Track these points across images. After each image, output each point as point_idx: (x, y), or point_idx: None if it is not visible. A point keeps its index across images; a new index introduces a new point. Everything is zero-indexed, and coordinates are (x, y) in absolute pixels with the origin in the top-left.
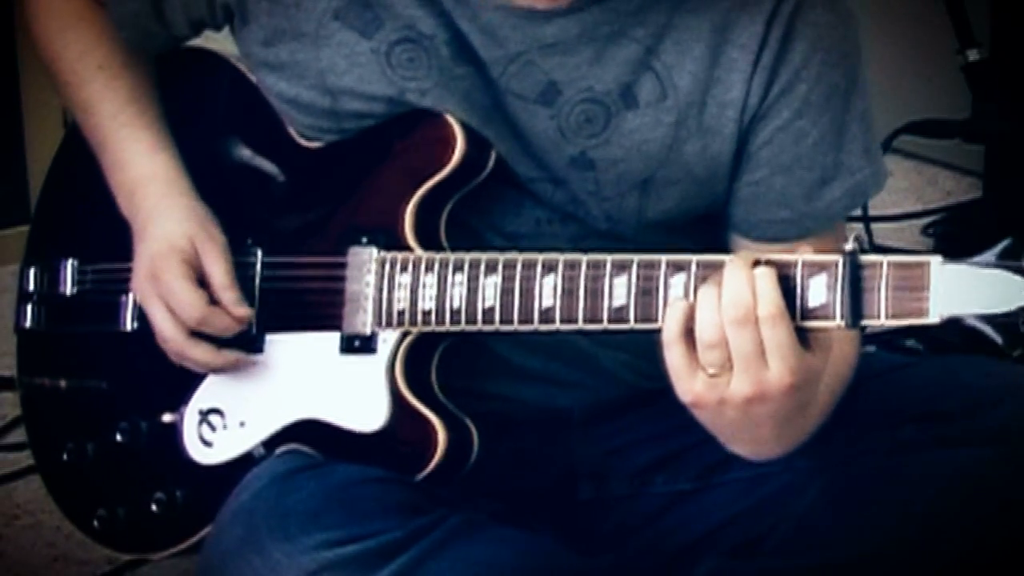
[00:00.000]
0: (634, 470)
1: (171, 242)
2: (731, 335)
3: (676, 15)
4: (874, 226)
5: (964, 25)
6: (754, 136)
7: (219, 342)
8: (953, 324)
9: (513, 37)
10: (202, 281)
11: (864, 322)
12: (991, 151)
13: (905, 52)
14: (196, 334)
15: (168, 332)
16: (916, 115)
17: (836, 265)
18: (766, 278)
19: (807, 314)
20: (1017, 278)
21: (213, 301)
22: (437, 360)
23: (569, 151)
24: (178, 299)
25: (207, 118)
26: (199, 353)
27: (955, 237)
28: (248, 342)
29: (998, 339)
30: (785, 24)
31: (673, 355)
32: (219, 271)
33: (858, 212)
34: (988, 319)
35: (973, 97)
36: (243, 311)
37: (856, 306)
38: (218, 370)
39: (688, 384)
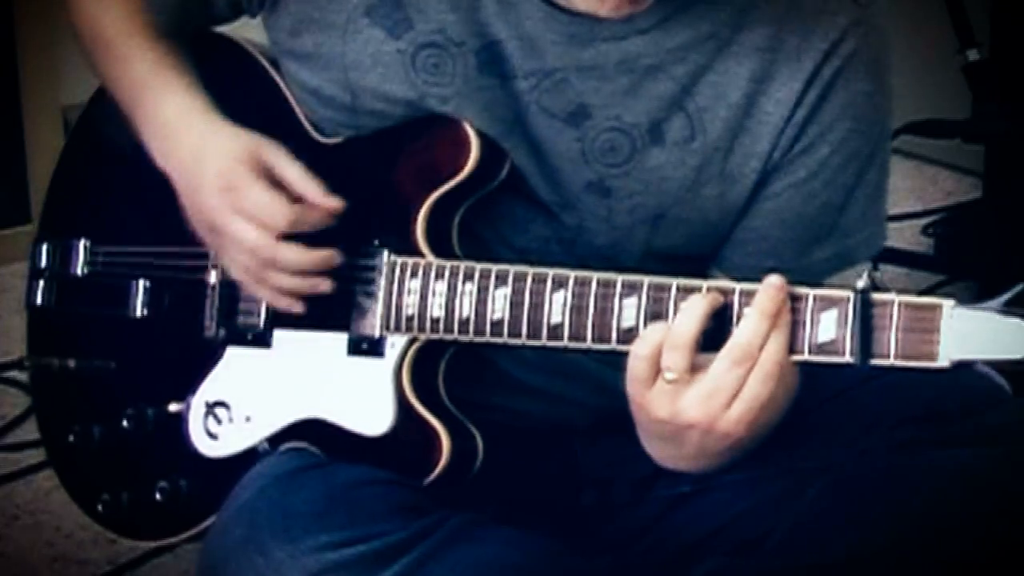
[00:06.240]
0: (637, 478)
1: (235, 154)
2: (721, 367)
3: (718, 58)
4: None
5: (964, 25)
6: (764, 186)
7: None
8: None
9: (553, 52)
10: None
11: (873, 361)
12: (991, 151)
13: (905, 52)
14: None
15: (256, 240)
16: (916, 115)
17: (847, 301)
18: (782, 332)
19: (816, 348)
20: None
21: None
22: (444, 368)
23: (587, 175)
24: (265, 205)
25: (224, 106)
26: (293, 253)
27: (955, 237)
28: (256, 337)
29: (1006, 385)
30: (824, 85)
31: (638, 364)
32: (293, 170)
33: None
34: (997, 365)
35: (973, 97)
36: (333, 201)
37: (866, 344)
38: (314, 270)
39: (642, 388)
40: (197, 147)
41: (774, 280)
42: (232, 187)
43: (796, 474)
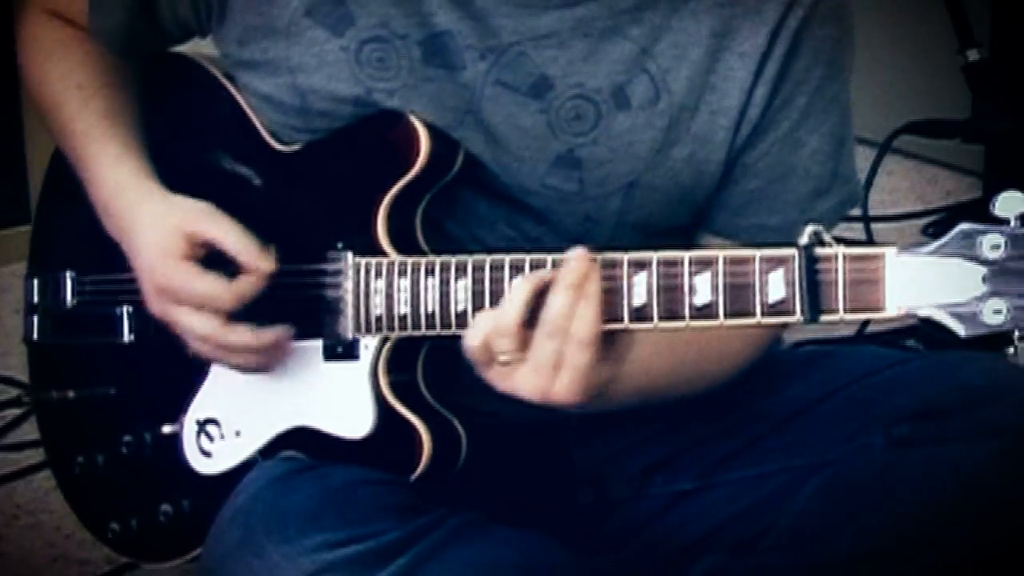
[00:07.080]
0: (633, 473)
1: (161, 247)
2: (537, 343)
3: (674, 17)
4: (874, 226)
5: (964, 25)
6: (751, 148)
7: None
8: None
9: (506, 27)
10: (210, 259)
11: (824, 317)
12: (991, 151)
13: (905, 52)
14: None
15: (205, 329)
16: (916, 115)
17: (792, 259)
18: (590, 302)
19: (768, 309)
20: (973, 265)
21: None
22: (422, 365)
23: (555, 148)
24: (203, 295)
25: (183, 125)
26: (242, 337)
27: None
28: None
29: (960, 330)
30: (791, 37)
31: (473, 352)
32: (230, 237)
33: (858, 212)
34: (947, 309)
35: (973, 97)
36: (268, 263)
37: (814, 300)
38: (264, 351)
39: (483, 369)
40: (129, 234)
41: (576, 252)
42: (166, 286)
43: (794, 471)
